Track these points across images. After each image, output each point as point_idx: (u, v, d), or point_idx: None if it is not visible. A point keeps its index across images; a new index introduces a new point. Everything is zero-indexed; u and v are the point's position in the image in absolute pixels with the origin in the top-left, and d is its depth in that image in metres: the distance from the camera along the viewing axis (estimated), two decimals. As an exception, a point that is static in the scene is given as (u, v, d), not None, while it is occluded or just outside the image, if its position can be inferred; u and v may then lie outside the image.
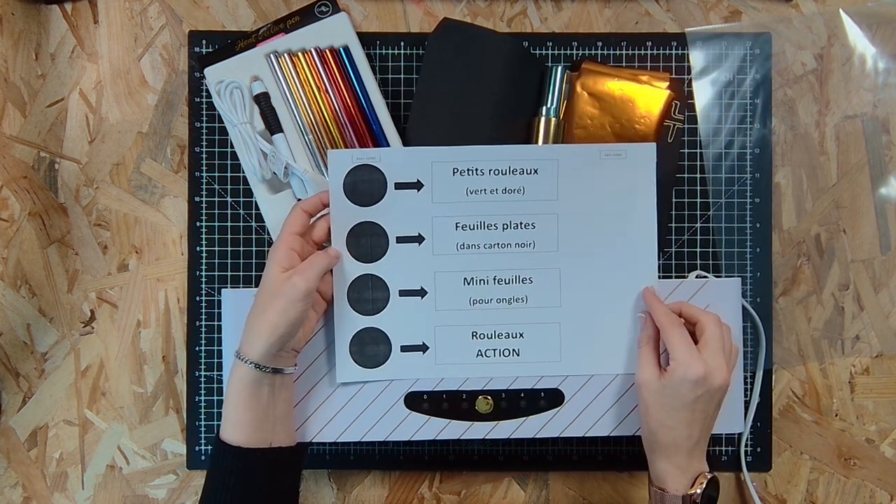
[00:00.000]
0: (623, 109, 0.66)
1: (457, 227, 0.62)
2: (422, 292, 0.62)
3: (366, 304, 0.62)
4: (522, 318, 0.62)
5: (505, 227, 0.62)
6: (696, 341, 0.57)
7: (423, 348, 0.62)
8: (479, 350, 0.62)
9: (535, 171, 0.62)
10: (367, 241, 0.62)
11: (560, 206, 0.62)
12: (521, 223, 0.62)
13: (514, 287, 0.62)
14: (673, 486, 0.56)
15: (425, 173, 0.62)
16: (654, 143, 0.63)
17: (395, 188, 0.62)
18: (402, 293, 0.62)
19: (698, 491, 0.56)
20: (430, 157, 0.62)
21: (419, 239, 0.62)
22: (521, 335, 0.62)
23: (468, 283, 0.62)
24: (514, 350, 0.62)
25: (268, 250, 0.68)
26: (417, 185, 0.62)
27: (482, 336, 0.62)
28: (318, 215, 0.61)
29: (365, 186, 0.61)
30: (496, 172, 0.62)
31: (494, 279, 0.62)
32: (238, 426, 0.55)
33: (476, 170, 0.62)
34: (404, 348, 0.62)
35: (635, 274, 0.62)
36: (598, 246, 0.62)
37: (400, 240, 0.62)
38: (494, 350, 0.62)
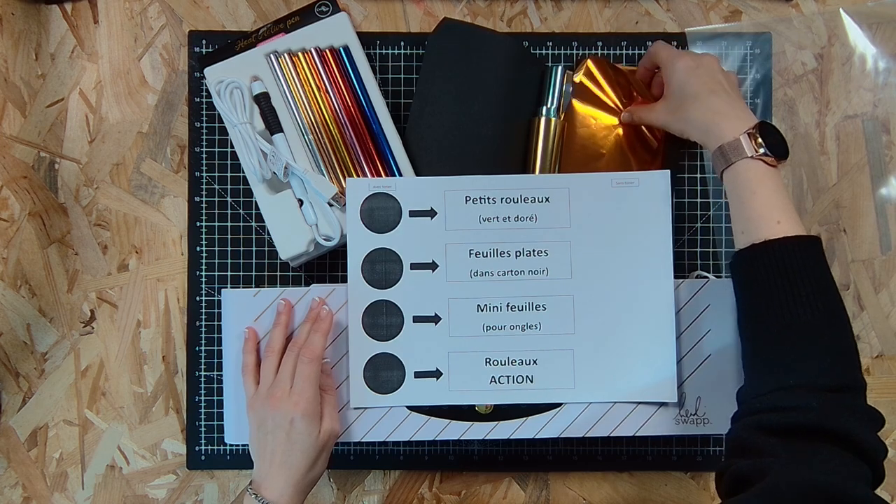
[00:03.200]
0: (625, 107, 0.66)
1: (470, 254, 0.62)
2: (436, 318, 0.62)
3: (380, 329, 0.62)
4: (536, 345, 0.62)
5: (518, 254, 0.62)
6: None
7: (437, 374, 0.62)
8: (493, 376, 0.62)
9: (547, 199, 0.62)
10: (382, 268, 0.62)
11: (573, 234, 0.62)
12: (534, 250, 0.62)
13: (528, 314, 0.62)
14: (730, 131, 0.55)
15: (438, 201, 0.62)
16: (668, 170, 0.63)
17: (410, 216, 0.62)
18: (416, 319, 0.62)
19: (761, 142, 0.55)
20: (444, 185, 0.63)
21: (433, 266, 0.62)
22: (534, 362, 0.62)
23: (482, 310, 0.62)
24: (527, 377, 0.62)
25: (268, 250, 0.68)
26: (431, 213, 0.62)
27: (496, 363, 0.62)
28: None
29: (380, 214, 0.62)
30: (508, 200, 0.62)
31: (508, 306, 0.62)
32: None
33: (488, 198, 0.62)
34: (418, 374, 0.62)
35: (650, 301, 0.62)
36: (612, 273, 0.62)
37: (414, 266, 0.62)
38: (508, 377, 0.62)
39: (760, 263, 0.52)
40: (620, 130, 0.66)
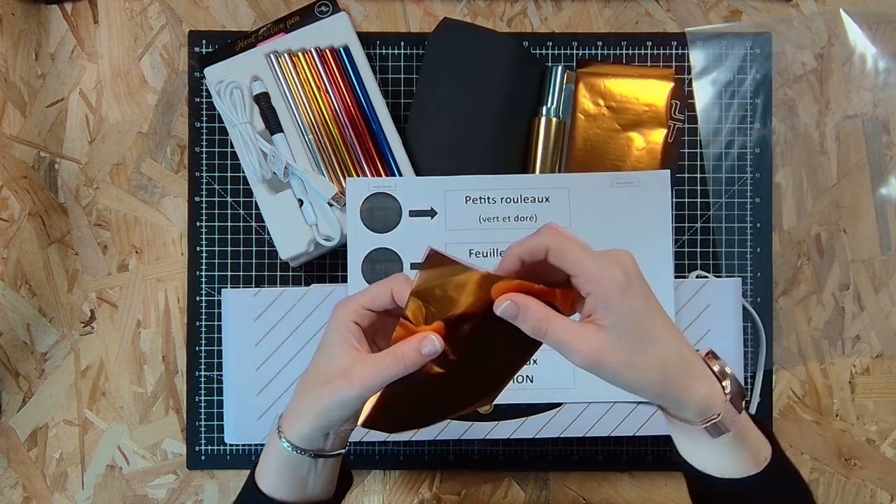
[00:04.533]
0: (628, 106, 0.66)
1: (470, 254, 0.62)
2: None
3: None
4: None
5: None
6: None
7: None
8: None
9: (547, 199, 0.62)
10: (383, 267, 0.62)
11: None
12: None
13: None
14: (717, 400, 0.42)
15: (438, 201, 0.62)
16: (668, 170, 0.63)
17: (410, 216, 0.62)
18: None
19: (728, 369, 0.44)
20: (443, 185, 0.63)
21: None
22: (534, 361, 0.62)
23: None
24: (527, 377, 0.62)
25: (268, 250, 0.68)
26: (431, 213, 0.62)
27: None
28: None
29: (381, 213, 0.62)
30: (508, 200, 0.62)
31: None
32: (272, 486, 0.48)
33: (488, 198, 0.63)
34: None
35: None
36: None
37: (414, 266, 0.63)
38: None
39: (752, 491, 0.45)
40: (629, 133, 0.66)
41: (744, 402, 0.44)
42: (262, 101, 0.65)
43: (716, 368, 0.44)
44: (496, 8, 0.69)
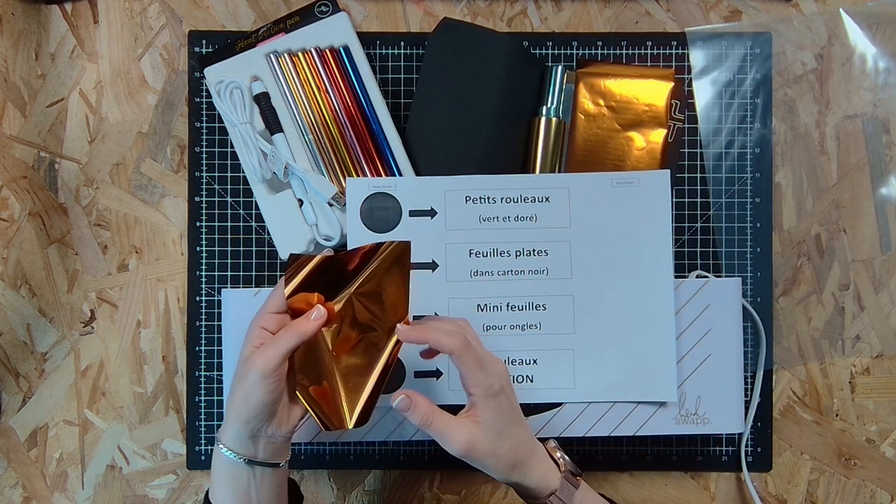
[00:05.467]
0: (628, 106, 0.66)
1: (470, 253, 0.62)
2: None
3: None
4: (536, 345, 0.62)
5: (518, 254, 0.62)
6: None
7: (438, 374, 0.63)
8: None
9: (547, 199, 0.62)
10: None
11: (573, 234, 0.62)
12: (534, 250, 0.62)
13: (528, 314, 0.62)
14: (555, 478, 0.53)
15: (438, 201, 0.62)
16: (668, 170, 0.63)
17: (410, 215, 0.62)
18: (417, 319, 0.62)
19: (563, 457, 0.55)
20: (443, 185, 0.63)
21: (433, 266, 0.62)
22: (534, 361, 0.62)
23: (482, 310, 0.62)
24: (527, 377, 0.62)
25: (268, 250, 0.68)
26: (431, 213, 0.63)
27: None
28: None
29: (381, 213, 0.62)
30: (508, 200, 0.63)
31: (508, 306, 0.62)
32: (220, 499, 0.52)
33: (488, 198, 0.63)
34: (418, 374, 0.62)
35: (650, 301, 0.62)
36: (612, 273, 0.62)
37: (414, 266, 0.62)
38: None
39: None
40: (629, 133, 0.66)
41: (578, 479, 0.54)
42: (262, 101, 0.65)
43: (556, 455, 0.55)
44: (496, 8, 0.69)
